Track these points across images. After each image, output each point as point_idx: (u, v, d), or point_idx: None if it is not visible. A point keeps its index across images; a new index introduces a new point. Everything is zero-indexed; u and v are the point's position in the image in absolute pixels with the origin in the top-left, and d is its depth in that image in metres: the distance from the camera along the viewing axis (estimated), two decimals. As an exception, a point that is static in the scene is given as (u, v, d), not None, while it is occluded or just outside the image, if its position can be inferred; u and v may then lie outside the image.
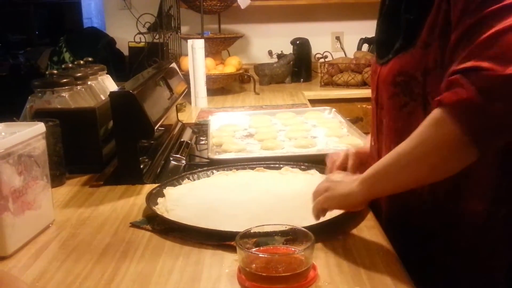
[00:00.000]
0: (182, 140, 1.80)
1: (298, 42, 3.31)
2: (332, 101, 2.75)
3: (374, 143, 1.16)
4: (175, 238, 1.03)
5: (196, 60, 2.56)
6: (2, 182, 0.95)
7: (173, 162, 1.58)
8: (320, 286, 0.84)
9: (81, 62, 1.85)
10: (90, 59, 1.92)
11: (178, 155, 1.62)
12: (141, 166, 1.39)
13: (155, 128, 1.38)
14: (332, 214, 1.04)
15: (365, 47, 3.32)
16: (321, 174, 1.32)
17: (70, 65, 1.83)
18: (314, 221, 1.02)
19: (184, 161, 1.58)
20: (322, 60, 3.15)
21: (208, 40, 2.80)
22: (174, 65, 2.03)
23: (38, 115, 1.38)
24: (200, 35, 2.77)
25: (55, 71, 1.65)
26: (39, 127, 1.09)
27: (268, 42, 3.41)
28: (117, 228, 1.10)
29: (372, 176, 0.94)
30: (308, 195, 1.08)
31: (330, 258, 0.93)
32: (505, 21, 0.80)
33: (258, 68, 3.23)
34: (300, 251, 0.85)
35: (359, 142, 1.59)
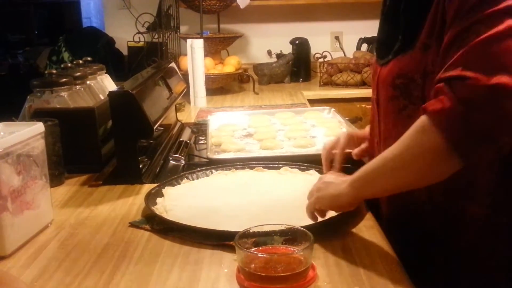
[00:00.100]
0: (181, 140, 1.79)
1: (297, 42, 3.31)
2: (331, 101, 2.75)
3: (372, 144, 1.16)
4: (174, 238, 1.03)
5: (195, 60, 2.56)
6: (1, 182, 0.95)
7: (172, 162, 1.58)
8: (319, 286, 0.84)
9: (80, 62, 1.84)
10: (89, 59, 1.92)
11: (177, 155, 1.62)
12: (140, 166, 1.39)
13: (154, 128, 1.38)
14: (331, 214, 1.04)
15: (364, 47, 3.32)
16: (320, 174, 1.32)
17: (69, 65, 1.83)
18: (313, 221, 1.03)
19: (183, 161, 1.58)
20: (321, 60, 3.15)
21: (207, 40, 2.80)
22: (173, 65, 2.02)
23: (37, 115, 1.38)
24: (199, 35, 2.77)
25: (54, 71, 1.65)
26: (38, 127, 1.09)
27: (267, 42, 3.41)
28: (116, 228, 1.10)
29: (361, 178, 0.95)
30: (307, 195, 1.08)
31: (329, 258, 0.93)
32: (495, 28, 0.80)
33: (257, 68, 3.23)
34: (299, 251, 0.85)
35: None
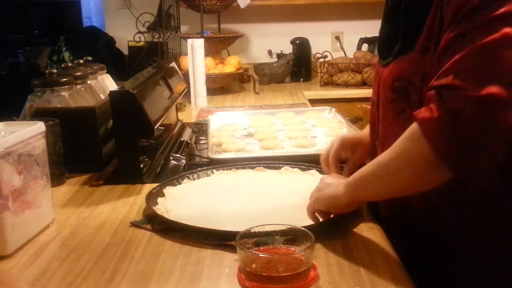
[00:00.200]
0: (182, 140, 1.79)
1: (298, 42, 3.31)
2: (332, 101, 2.75)
3: (373, 144, 1.15)
4: (175, 238, 1.03)
5: (196, 60, 2.56)
6: (2, 182, 0.95)
7: (173, 162, 1.57)
8: (320, 286, 0.84)
9: (81, 62, 1.84)
10: (90, 59, 1.92)
11: (178, 155, 1.62)
12: (141, 166, 1.39)
13: (155, 128, 1.38)
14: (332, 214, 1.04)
15: (365, 47, 3.32)
16: (321, 174, 1.32)
17: (70, 64, 1.83)
18: (314, 222, 1.03)
19: (184, 161, 1.58)
20: (322, 60, 3.15)
21: (208, 40, 2.80)
22: (174, 65, 2.02)
23: (38, 114, 1.38)
24: (200, 35, 2.77)
25: (55, 70, 1.65)
26: (39, 127, 1.09)
27: (268, 42, 3.41)
28: (117, 228, 1.10)
29: (356, 181, 0.96)
30: (308, 195, 1.08)
31: (330, 258, 0.93)
32: (490, 36, 0.79)
33: (258, 68, 3.23)
34: (300, 251, 0.85)
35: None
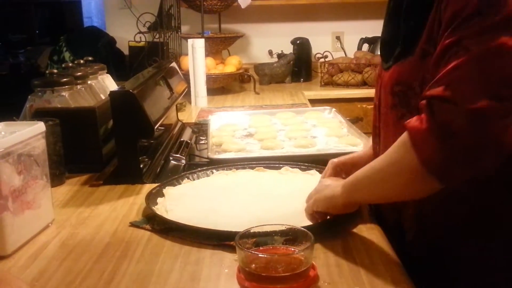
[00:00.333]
0: (182, 140, 1.79)
1: (298, 42, 3.31)
2: (332, 101, 2.75)
3: (374, 149, 1.15)
4: (175, 238, 1.03)
5: (196, 60, 2.56)
6: (2, 182, 0.95)
7: (173, 162, 1.58)
8: (320, 286, 0.84)
9: (81, 62, 1.85)
10: (90, 59, 1.92)
11: (178, 155, 1.62)
12: (141, 166, 1.39)
13: (155, 128, 1.38)
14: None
15: (365, 47, 3.31)
16: (321, 174, 1.32)
17: (70, 65, 1.84)
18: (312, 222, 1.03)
19: (184, 161, 1.58)
20: (322, 60, 3.15)
21: (208, 40, 2.80)
22: (174, 65, 2.02)
23: (38, 115, 1.38)
24: (201, 35, 2.77)
25: (55, 71, 1.65)
26: (39, 127, 1.09)
27: (268, 42, 3.41)
28: (117, 228, 1.10)
29: (352, 184, 0.97)
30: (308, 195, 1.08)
31: (330, 258, 0.93)
32: (485, 45, 0.78)
33: (258, 68, 3.23)
34: (300, 251, 0.85)
35: (359, 142, 1.59)
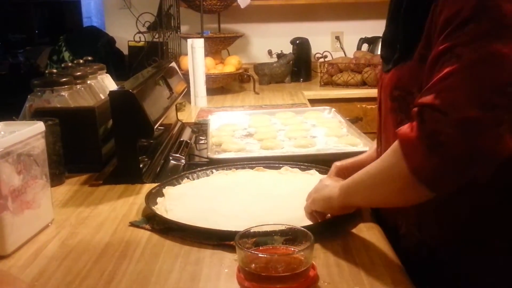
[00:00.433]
0: (182, 140, 1.79)
1: (298, 42, 3.31)
2: (332, 101, 2.75)
3: (377, 152, 1.14)
4: (175, 238, 1.03)
5: (196, 60, 2.56)
6: (2, 181, 0.95)
7: (173, 162, 1.57)
8: (320, 286, 0.84)
9: (81, 61, 1.84)
10: (90, 58, 1.92)
11: (178, 155, 1.62)
12: (141, 166, 1.39)
13: (155, 128, 1.38)
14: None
15: (365, 47, 3.31)
16: (321, 174, 1.32)
17: (70, 64, 1.84)
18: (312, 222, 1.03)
19: (184, 161, 1.58)
20: (322, 60, 3.15)
21: (208, 40, 2.80)
22: (174, 65, 2.02)
23: (38, 114, 1.38)
24: (200, 35, 2.77)
25: (55, 70, 1.65)
26: (39, 126, 1.09)
27: (268, 42, 3.41)
28: (117, 228, 1.10)
29: (348, 186, 0.97)
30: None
31: (330, 258, 0.93)
32: (476, 54, 0.77)
33: (258, 68, 3.23)
34: (300, 251, 0.85)
35: (358, 142, 1.59)
